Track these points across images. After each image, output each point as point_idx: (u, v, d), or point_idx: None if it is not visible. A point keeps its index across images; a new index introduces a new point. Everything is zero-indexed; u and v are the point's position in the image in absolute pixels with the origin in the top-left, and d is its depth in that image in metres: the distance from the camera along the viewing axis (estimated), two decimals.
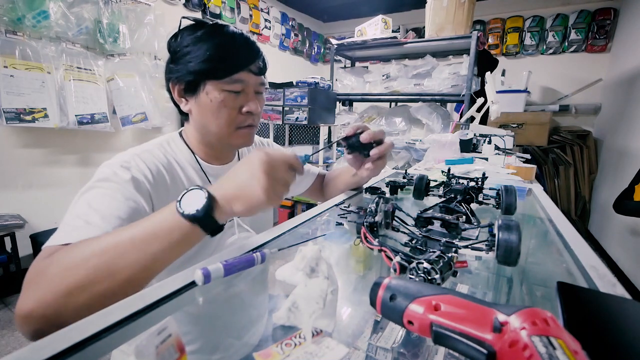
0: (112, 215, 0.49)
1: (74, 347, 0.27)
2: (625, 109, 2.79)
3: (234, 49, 0.61)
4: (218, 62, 0.60)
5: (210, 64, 0.60)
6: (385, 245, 0.41)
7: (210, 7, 3.33)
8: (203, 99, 0.62)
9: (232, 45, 0.61)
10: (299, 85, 2.47)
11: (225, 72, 0.60)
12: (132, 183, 0.55)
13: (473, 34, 2.03)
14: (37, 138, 2.15)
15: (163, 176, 0.62)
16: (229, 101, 0.62)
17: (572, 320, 0.28)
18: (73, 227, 0.47)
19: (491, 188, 0.74)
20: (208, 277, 0.37)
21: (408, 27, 4.32)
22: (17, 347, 1.65)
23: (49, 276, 0.39)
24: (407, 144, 2.34)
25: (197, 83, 0.62)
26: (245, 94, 0.64)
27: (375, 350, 0.31)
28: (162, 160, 0.64)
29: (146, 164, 0.60)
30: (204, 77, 0.61)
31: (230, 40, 0.61)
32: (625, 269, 2.43)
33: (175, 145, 0.68)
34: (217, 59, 0.60)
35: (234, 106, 0.63)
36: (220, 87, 0.61)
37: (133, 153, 0.61)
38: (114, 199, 0.51)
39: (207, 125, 0.65)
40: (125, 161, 0.58)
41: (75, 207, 0.50)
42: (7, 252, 1.96)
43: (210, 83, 0.61)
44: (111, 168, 0.56)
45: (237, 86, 0.62)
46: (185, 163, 0.67)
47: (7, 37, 1.89)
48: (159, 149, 0.65)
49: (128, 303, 0.33)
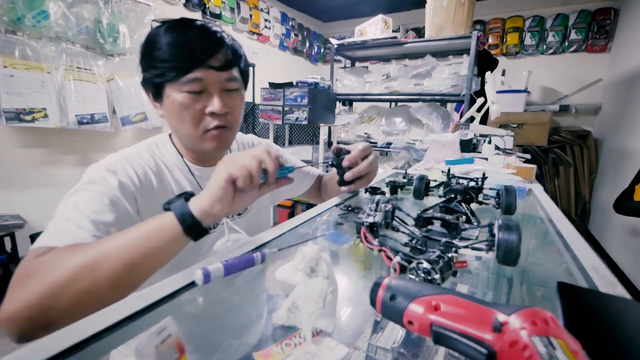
0: (98, 219, 0.50)
1: (74, 347, 0.27)
2: (625, 109, 2.79)
3: (186, 45, 0.56)
4: (169, 63, 0.56)
5: (162, 66, 0.56)
6: (385, 245, 0.41)
7: (210, 7, 3.33)
8: (167, 104, 0.59)
9: (184, 42, 0.56)
10: (299, 85, 2.47)
11: (178, 72, 0.56)
12: (118, 188, 0.55)
13: (473, 34, 2.03)
14: (37, 138, 2.15)
15: (150, 179, 0.62)
16: (189, 103, 0.58)
17: (572, 320, 0.28)
18: (59, 229, 0.47)
19: (491, 188, 0.74)
20: (208, 277, 0.37)
21: (408, 27, 4.32)
22: (17, 347, 1.65)
23: (34, 278, 0.40)
24: (407, 144, 2.34)
25: (159, 88, 0.59)
26: (208, 92, 0.59)
27: (375, 350, 0.31)
28: (150, 162, 0.63)
29: (133, 166, 0.60)
30: (162, 81, 0.57)
31: (182, 37, 0.56)
32: (625, 269, 2.43)
33: (164, 147, 0.68)
34: (169, 59, 0.56)
35: (196, 108, 0.58)
36: (179, 88, 0.57)
37: (121, 156, 0.61)
38: (100, 203, 0.51)
39: (178, 130, 0.62)
40: (112, 164, 0.58)
41: (63, 209, 0.51)
42: (7, 252, 1.96)
43: (169, 86, 0.57)
44: (98, 171, 0.56)
45: (195, 85, 0.57)
46: (173, 165, 0.66)
47: (7, 37, 1.89)
48: (148, 150, 0.65)
49: (128, 303, 0.33)
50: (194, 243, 0.66)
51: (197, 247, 0.65)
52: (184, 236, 0.44)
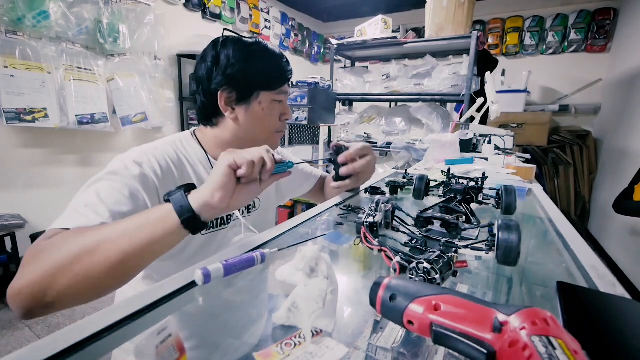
0: (116, 209, 0.51)
1: (74, 347, 0.27)
2: (625, 109, 2.79)
3: (283, 64, 0.70)
4: (273, 76, 0.69)
5: (267, 77, 0.68)
6: (385, 245, 0.41)
7: (210, 7, 3.33)
8: (255, 108, 0.68)
9: (282, 61, 0.70)
10: (299, 85, 2.47)
11: (278, 84, 0.69)
12: (139, 179, 0.57)
13: (473, 34, 2.03)
14: (37, 138, 2.15)
15: (172, 171, 0.65)
16: (276, 109, 0.71)
17: (572, 320, 0.29)
18: (78, 213, 0.49)
19: (491, 188, 0.74)
20: (208, 277, 0.37)
21: (408, 27, 4.32)
22: (17, 347, 1.65)
23: (41, 257, 0.42)
24: (407, 144, 2.34)
25: (250, 93, 0.67)
26: (283, 103, 0.73)
27: (375, 350, 0.31)
28: (173, 156, 0.66)
29: (157, 159, 0.63)
30: (259, 88, 0.68)
31: (280, 57, 0.70)
32: (625, 269, 2.43)
33: (188, 144, 0.71)
34: (273, 73, 0.68)
35: (277, 114, 0.72)
36: (271, 97, 0.69)
37: (145, 149, 0.64)
38: (120, 193, 0.53)
39: (253, 131, 0.70)
40: (138, 156, 0.61)
41: (84, 195, 0.52)
42: (7, 252, 1.96)
43: (264, 94, 0.68)
44: (123, 162, 0.58)
45: (282, 96, 0.71)
46: (196, 161, 0.70)
47: (8, 37, 1.89)
48: (171, 145, 0.68)
49: (128, 303, 0.33)
50: (206, 238, 0.68)
51: (209, 242, 0.67)
52: (181, 228, 0.45)
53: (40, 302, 0.40)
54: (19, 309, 0.40)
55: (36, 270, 0.41)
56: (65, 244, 0.43)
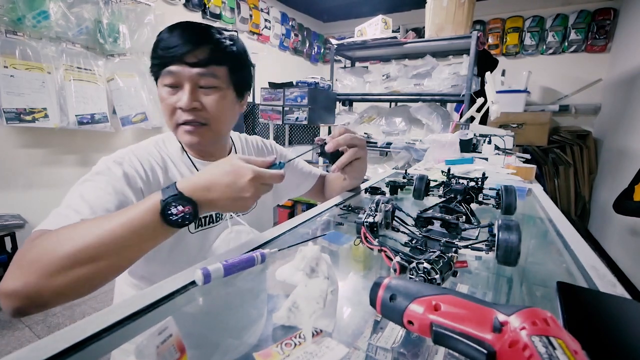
0: (101, 208, 0.51)
1: (74, 347, 0.27)
2: (625, 109, 2.79)
3: (168, 42, 0.59)
4: (155, 59, 0.61)
5: (152, 62, 0.62)
6: (385, 245, 0.41)
7: (210, 7, 3.33)
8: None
9: (168, 39, 0.59)
10: (299, 85, 2.47)
11: (159, 67, 0.60)
12: (123, 178, 0.57)
13: (473, 34, 2.03)
14: (37, 138, 2.15)
15: (156, 172, 0.64)
16: (165, 96, 0.62)
17: (572, 320, 0.29)
18: (63, 215, 0.49)
19: (491, 188, 0.74)
20: (208, 277, 0.37)
21: (408, 27, 4.31)
22: (17, 347, 1.65)
23: (35, 258, 0.42)
24: (407, 144, 2.34)
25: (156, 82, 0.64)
26: (181, 88, 0.61)
27: (375, 350, 0.31)
28: (157, 156, 0.66)
29: (139, 160, 0.62)
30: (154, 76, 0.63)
31: (167, 35, 0.60)
32: (625, 269, 2.43)
33: (169, 143, 0.70)
34: (154, 56, 0.61)
35: (169, 101, 0.61)
36: (161, 82, 0.62)
37: (129, 150, 0.64)
38: (105, 192, 0.53)
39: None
40: (119, 157, 0.61)
41: (69, 197, 0.53)
42: (7, 252, 1.96)
43: (159, 80, 0.62)
44: (105, 163, 0.59)
45: (169, 79, 0.60)
46: (178, 160, 0.69)
47: (8, 37, 1.89)
48: (154, 146, 0.68)
49: (128, 303, 0.33)
50: (197, 236, 0.67)
51: (201, 240, 0.66)
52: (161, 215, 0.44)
53: (34, 302, 0.40)
54: (11, 308, 0.40)
55: (31, 272, 0.40)
56: (59, 247, 0.42)
